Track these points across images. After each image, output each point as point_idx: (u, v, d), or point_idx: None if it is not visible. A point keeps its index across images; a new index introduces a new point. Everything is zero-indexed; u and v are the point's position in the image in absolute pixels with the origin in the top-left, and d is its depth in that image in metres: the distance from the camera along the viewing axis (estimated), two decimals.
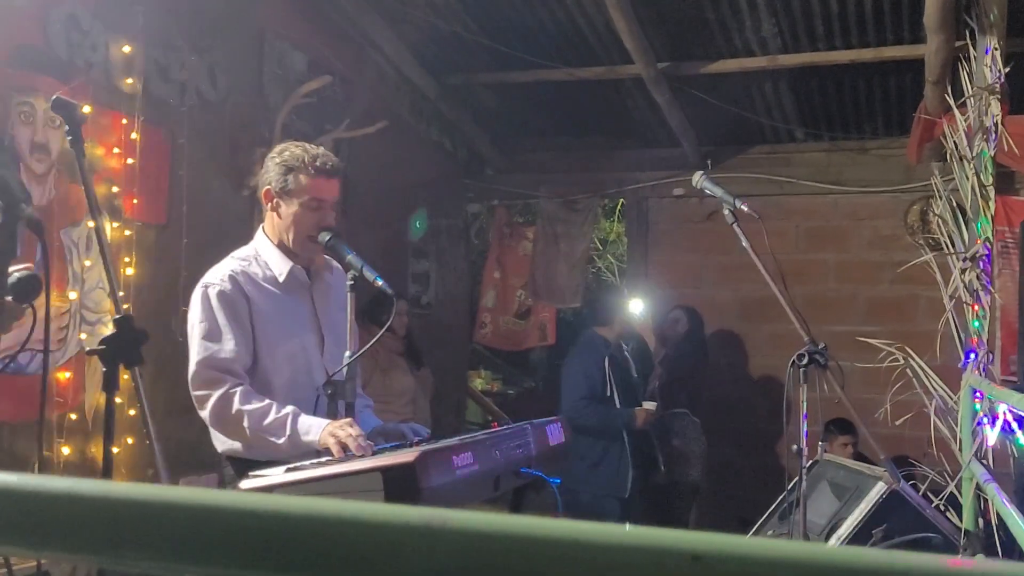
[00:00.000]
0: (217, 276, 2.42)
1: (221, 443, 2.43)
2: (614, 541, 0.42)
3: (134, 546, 0.54)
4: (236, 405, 2.28)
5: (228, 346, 2.35)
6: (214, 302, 2.37)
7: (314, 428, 2.23)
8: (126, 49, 3.60)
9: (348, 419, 2.26)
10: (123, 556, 0.55)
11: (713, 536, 0.42)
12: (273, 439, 2.25)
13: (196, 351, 2.35)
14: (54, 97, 1.87)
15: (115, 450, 2.81)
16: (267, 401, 2.30)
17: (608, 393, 4.68)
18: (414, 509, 0.46)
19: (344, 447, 2.13)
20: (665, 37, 5.12)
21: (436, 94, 5.92)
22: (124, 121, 3.59)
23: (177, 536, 0.53)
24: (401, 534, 0.46)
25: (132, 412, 3.32)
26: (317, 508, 0.49)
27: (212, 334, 2.35)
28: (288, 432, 2.24)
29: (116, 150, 3.56)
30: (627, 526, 0.43)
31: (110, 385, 1.74)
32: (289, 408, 2.28)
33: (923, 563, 0.40)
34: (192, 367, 2.35)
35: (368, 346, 2.42)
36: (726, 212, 2.89)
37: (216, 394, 2.29)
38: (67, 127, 1.84)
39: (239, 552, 0.52)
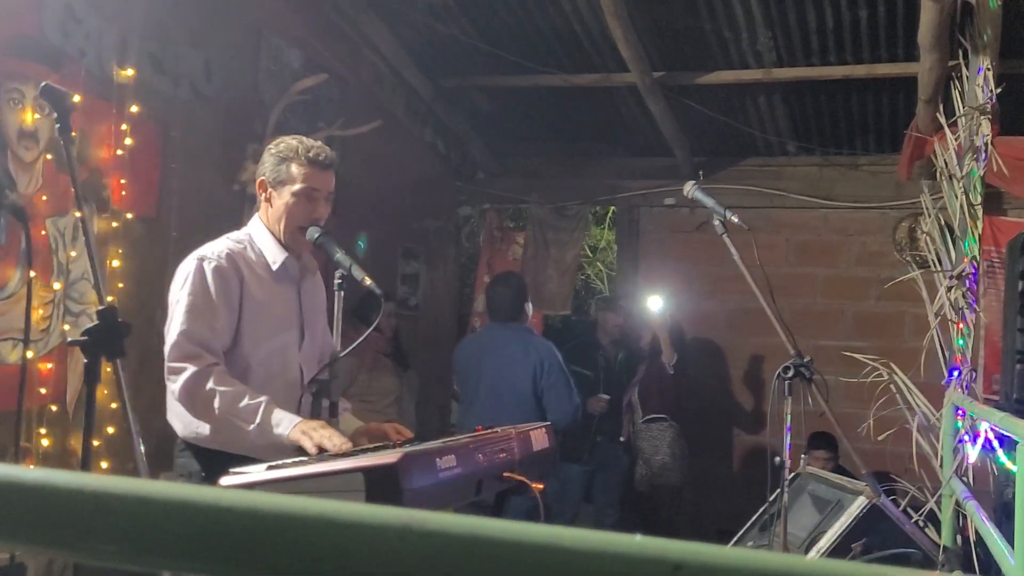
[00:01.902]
0: (214, 251, 2.38)
1: (184, 427, 2.34)
2: (595, 548, 0.42)
3: (107, 541, 0.53)
4: (211, 383, 2.21)
5: (214, 323, 2.30)
6: (209, 276, 2.33)
7: (285, 422, 2.18)
8: (121, 39, 3.58)
9: (321, 421, 2.22)
10: (96, 551, 0.54)
11: (695, 546, 0.41)
12: (243, 424, 2.19)
13: (180, 322, 2.29)
14: (42, 84, 1.84)
15: (95, 443, 2.79)
16: (242, 386, 2.25)
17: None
18: (393, 510, 0.46)
19: (319, 446, 2.10)
20: (661, 46, 5.13)
21: (431, 96, 5.92)
22: (116, 112, 3.57)
23: (152, 532, 0.53)
24: (379, 535, 0.45)
25: (115, 405, 3.30)
26: (295, 506, 0.49)
27: (200, 308, 2.30)
28: (259, 420, 2.18)
29: (107, 141, 3.54)
30: (608, 533, 0.43)
31: (91, 377, 1.72)
32: (263, 396, 2.23)
33: None
34: (173, 337, 2.28)
35: (354, 345, 2.40)
36: (716, 223, 2.89)
37: (192, 368, 2.23)
38: (55, 114, 1.82)
39: (215, 549, 0.51)
